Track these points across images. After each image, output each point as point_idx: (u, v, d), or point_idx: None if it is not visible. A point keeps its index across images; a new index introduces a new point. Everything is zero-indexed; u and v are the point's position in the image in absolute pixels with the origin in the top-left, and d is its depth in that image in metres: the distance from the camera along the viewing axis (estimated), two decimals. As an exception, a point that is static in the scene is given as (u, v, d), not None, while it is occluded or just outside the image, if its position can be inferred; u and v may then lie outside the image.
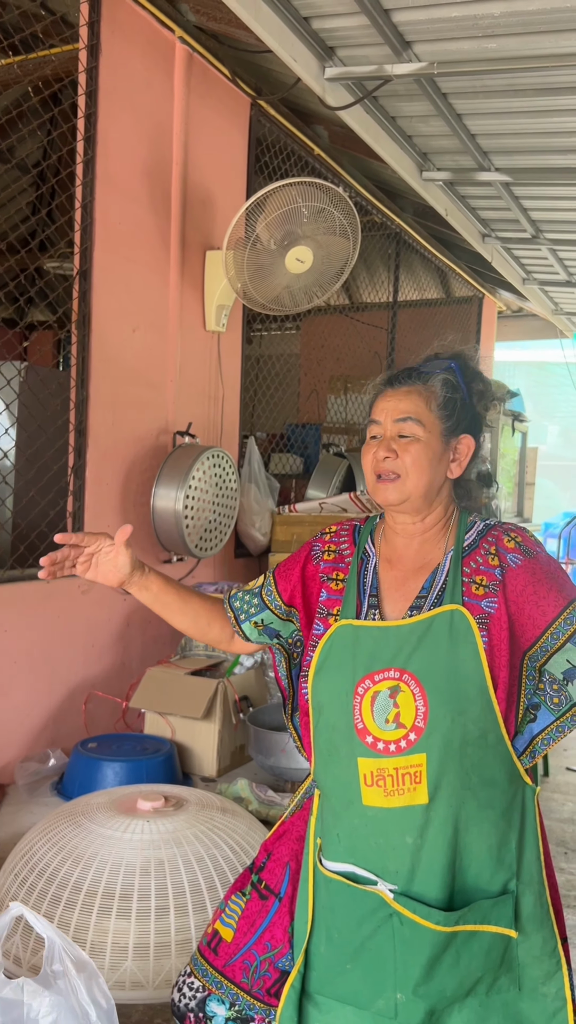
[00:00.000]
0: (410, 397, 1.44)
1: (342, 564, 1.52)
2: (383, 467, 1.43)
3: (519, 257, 6.00)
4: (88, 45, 3.16)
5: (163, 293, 3.64)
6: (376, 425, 1.46)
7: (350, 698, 1.38)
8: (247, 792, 2.74)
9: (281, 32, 3.16)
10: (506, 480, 5.89)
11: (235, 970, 1.53)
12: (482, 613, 1.36)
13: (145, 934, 1.90)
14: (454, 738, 1.32)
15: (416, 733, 1.33)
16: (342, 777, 1.40)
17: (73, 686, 3.27)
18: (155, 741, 3.02)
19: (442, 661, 1.34)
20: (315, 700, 1.45)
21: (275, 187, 3.32)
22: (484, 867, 1.37)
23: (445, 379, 1.45)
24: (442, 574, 1.42)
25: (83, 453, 3.25)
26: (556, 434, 14.34)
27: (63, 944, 1.34)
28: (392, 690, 1.35)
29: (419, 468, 1.41)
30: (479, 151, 4.11)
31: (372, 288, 7.11)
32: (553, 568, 1.39)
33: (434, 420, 1.43)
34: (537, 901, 1.39)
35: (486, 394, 1.51)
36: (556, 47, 3.03)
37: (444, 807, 1.34)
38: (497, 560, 1.39)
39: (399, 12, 3.01)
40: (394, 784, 1.34)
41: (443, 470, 1.45)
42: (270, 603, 1.59)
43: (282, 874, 1.56)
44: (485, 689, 1.33)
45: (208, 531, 3.63)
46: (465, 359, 1.51)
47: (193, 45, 3.63)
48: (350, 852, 1.41)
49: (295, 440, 5.94)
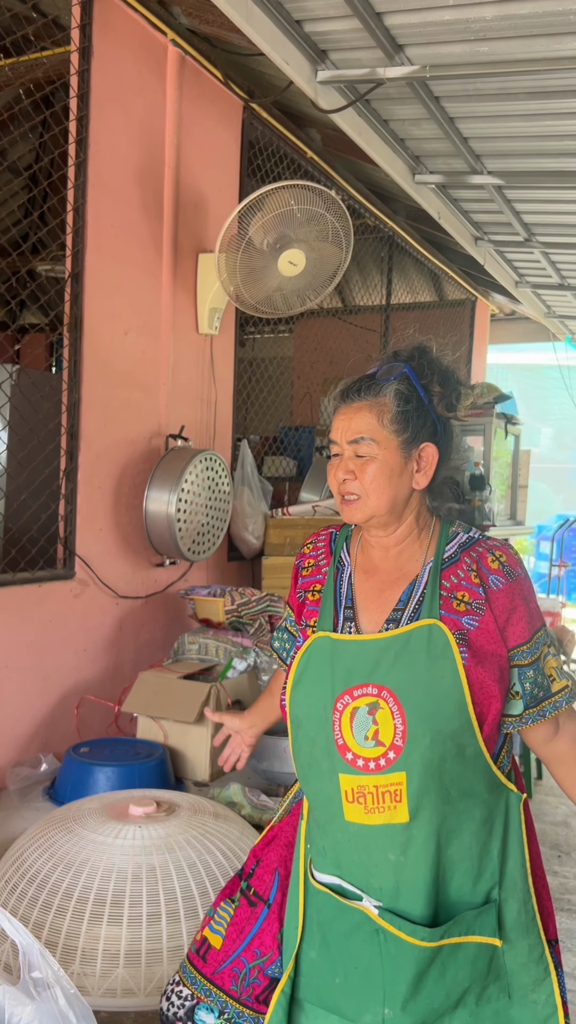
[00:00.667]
0: (360, 414, 1.39)
1: (319, 576, 1.51)
2: (344, 489, 1.41)
3: (512, 260, 6.02)
4: (80, 48, 3.15)
5: (155, 296, 3.63)
6: (334, 444, 1.43)
7: (329, 713, 1.36)
8: (240, 797, 2.73)
9: (273, 35, 3.16)
10: (499, 483, 5.89)
11: (224, 977, 1.52)
12: (461, 629, 1.34)
13: (137, 941, 1.89)
14: (433, 757, 1.31)
15: (395, 751, 1.32)
16: (324, 791, 1.39)
17: (65, 690, 3.26)
18: (147, 745, 3.00)
19: (420, 678, 1.32)
20: (293, 713, 1.43)
21: (268, 190, 3.32)
22: (467, 879, 1.36)
23: (397, 390, 1.40)
24: (420, 586, 1.40)
25: (75, 456, 3.24)
26: (549, 437, 14.38)
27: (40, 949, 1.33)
28: (371, 707, 1.33)
29: (378, 487, 1.39)
30: (471, 154, 4.12)
31: (365, 291, 7.11)
32: (526, 593, 1.39)
33: (388, 435, 1.38)
34: (522, 908, 1.38)
35: (448, 392, 1.44)
36: (548, 51, 3.03)
37: (426, 825, 1.32)
38: (479, 579, 1.37)
39: (391, 15, 3.01)
40: (375, 802, 1.33)
41: (407, 482, 1.41)
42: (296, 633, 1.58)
43: (271, 881, 1.55)
44: (464, 706, 1.31)
45: (201, 534, 3.62)
46: (422, 359, 1.44)
47: (185, 48, 3.62)
48: (336, 865, 1.41)
49: (288, 443, 5.93)
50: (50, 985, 1.30)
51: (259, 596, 3.59)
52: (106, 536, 3.42)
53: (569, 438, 14.37)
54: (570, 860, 3.59)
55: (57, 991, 1.26)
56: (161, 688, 3.13)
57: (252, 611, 3.54)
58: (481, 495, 5.20)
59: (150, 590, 3.69)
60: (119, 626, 3.53)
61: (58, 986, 1.26)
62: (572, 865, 3.54)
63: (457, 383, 1.46)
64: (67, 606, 3.25)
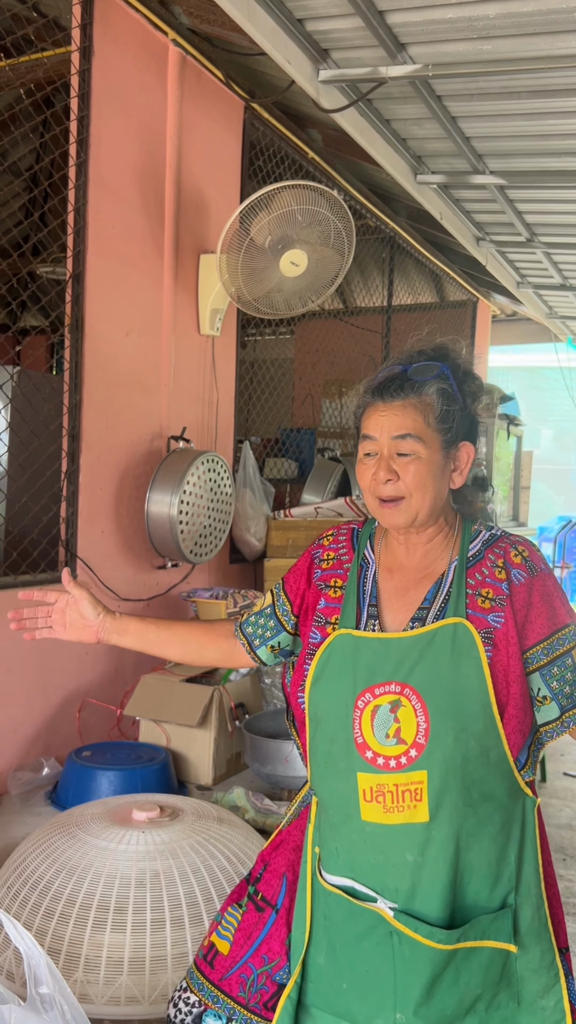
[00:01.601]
0: (406, 412, 1.36)
1: (340, 571, 1.48)
2: (385, 491, 1.37)
3: (513, 261, 6.00)
4: (80, 48, 3.13)
5: (157, 297, 3.62)
6: (371, 441, 1.39)
7: (350, 711, 1.34)
8: (243, 801, 2.71)
9: (275, 34, 3.14)
10: (501, 484, 5.87)
11: (231, 984, 1.50)
12: (488, 627, 1.32)
13: (141, 948, 1.87)
14: (456, 756, 1.29)
15: (417, 750, 1.30)
16: (340, 791, 1.37)
17: (67, 694, 3.24)
18: (150, 749, 2.98)
19: (444, 676, 1.30)
20: (312, 711, 1.41)
21: (270, 190, 3.30)
22: (484, 883, 1.34)
23: (440, 388, 1.38)
24: (446, 585, 1.38)
25: (76, 458, 3.22)
26: (550, 438, 14.36)
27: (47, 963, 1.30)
28: (393, 704, 1.32)
29: (423, 488, 1.36)
30: (474, 154, 4.10)
31: (366, 292, 7.10)
32: (550, 589, 1.36)
33: (433, 434, 1.36)
34: (535, 914, 1.36)
35: (479, 393, 1.44)
36: (552, 49, 3.02)
37: (446, 825, 1.30)
38: (504, 574, 1.35)
39: (393, 14, 2.99)
40: (394, 800, 1.31)
41: (446, 483, 1.39)
42: (285, 621, 1.54)
43: (278, 885, 1.53)
44: (488, 706, 1.29)
45: (203, 536, 3.60)
46: (454, 359, 1.43)
47: (186, 48, 3.61)
48: (349, 867, 1.38)
49: (290, 444, 5.91)
50: (57, 1003, 1.27)
51: (262, 598, 3.58)
52: (108, 538, 3.40)
53: (570, 439, 14.35)
54: (575, 863, 3.57)
55: (66, 1008, 1.24)
56: (163, 691, 3.11)
57: (255, 613, 3.52)
58: (484, 496, 5.17)
59: (152, 592, 3.67)
60: (121, 629, 3.51)
61: (65, 1003, 1.24)
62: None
63: (478, 382, 1.46)
64: (69, 609, 3.23)
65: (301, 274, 3.48)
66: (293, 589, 1.53)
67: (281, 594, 1.55)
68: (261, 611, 1.58)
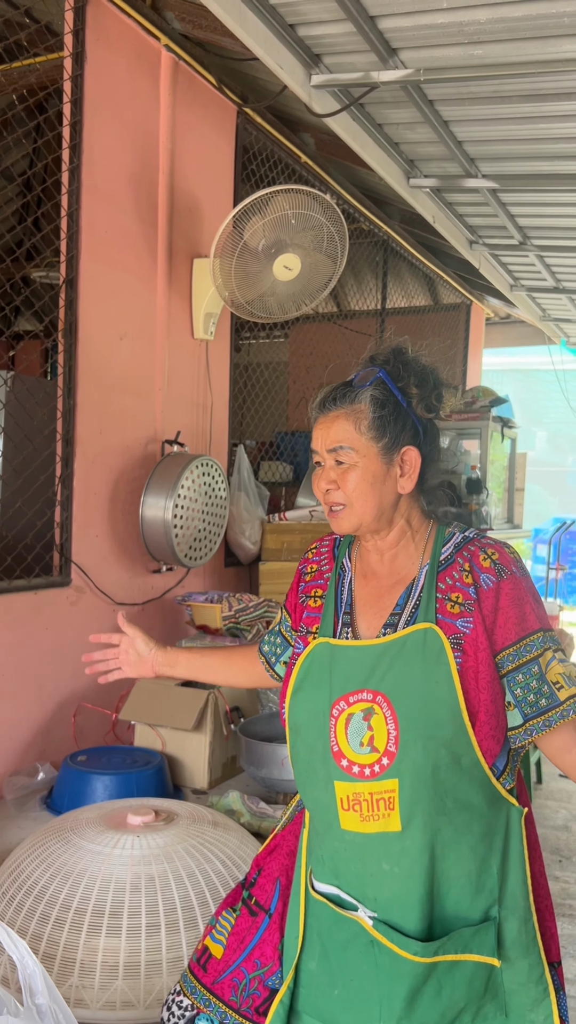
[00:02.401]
0: (338, 423, 1.38)
1: (321, 581, 1.50)
2: (329, 499, 1.40)
3: (507, 264, 6.01)
4: (73, 53, 3.14)
5: (150, 301, 3.62)
6: (316, 453, 1.42)
7: (326, 719, 1.35)
8: (239, 805, 2.71)
9: (267, 39, 3.15)
10: (496, 486, 5.88)
11: (224, 988, 1.50)
12: (457, 633, 1.31)
13: (136, 952, 1.87)
14: (426, 763, 1.28)
15: (389, 758, 1.29)
16: (321, 800, 1.37)
17: (62, 698, 3.24)
18: (145, 753, 2.98)
19: (415, 682, 1.30)
20: (292, 721, 1.41)
21: (263, 194, 3.31)
22: (464, 894, 1.33)
23: (372, 396, 1.37)
24: (417, 589, 1.37)
25: (70, 463, 3.22)
26: (545, 440, 14.38)
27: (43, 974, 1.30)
28: (366, 712, 1.31)
29: (361, 494, 1.37)
30: (466, 158, 4.11)
31: (360, 295, 7.11)
32: (520, 593, 1.33)
33: (366, 442, 1.37)
34: (522, 927, 1.34)
35: (426, 393, 1.41)
36: (542, 53, 3.03)
37: (419, 834, 1.30)
38: (471, 578, 1.34)
39: (385, 19, 3.00)
40: (369, 809, 1.30)
41: (391, 488, 1.39)
42: (289, 637, 1.56)
43: (272, 890, 1.54)
44: (458, 712, 1.28)
45: (198, 540, 3.61)
46: (397, 362, 1.42)
47: (179, 53, 3.62)
48: (334, 875, 1.39)
49: (285, 448, 5.92)
50: (52, 1011, 1.27)
51: (256, 602, 3.58)
52: (102, 542, 3.40)
53: (565, 441, 14.38)
54: (571, 865, 3.58)
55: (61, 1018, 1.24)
56: (158, 695, 3.11)
57: (249, 617, 3.53)
58: (478, 499, 5.19)
59: (147, 596, 3.67)
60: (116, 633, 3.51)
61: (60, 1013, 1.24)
62: (573, 870, 3.53)
63: (436, 383, 1.43)
64: (64, 613, 3.23)
65: (295, 278, 3.49)
66: (291, 604, 1.56)
67: (282, 611, 1.58)
68: (272, 630, 1.61)
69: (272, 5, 3.02)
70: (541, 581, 9.42)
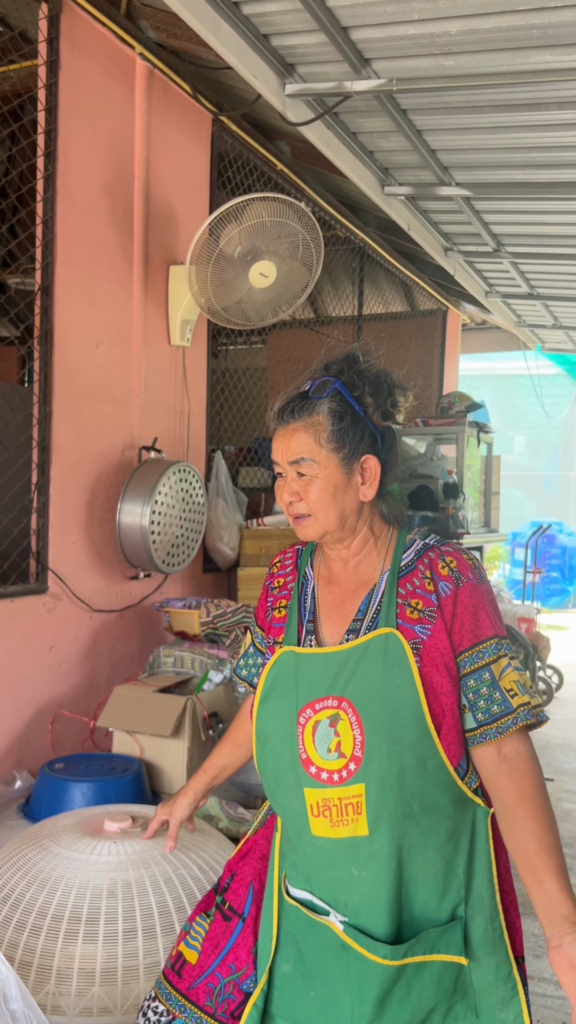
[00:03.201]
0: (297, 436, 1.39)
1: (286, 591, 1.51)
2: (293, 511, 1.42)
3: (481, 270, 6.07)
4: (47, 61, 3.15)
5: (126, 308, 3.63)
6: (277, 464, 1.43)
7: (294, 727, 1.36)
8: (217, 810, 2.71)
9: (241, 49, 3.18)
10: (472, 491, 5.93)
11: (199, 993, 1.50)
12: (415, 638, 1.33)
13: (113, 958, 1.87)
14: (391, 767, 1.30)
15: (355, 763, 1.31)
16: (291, 807, 1.39)
17: (39, 706, 3.23)
18: (123, 760, 2.98)
19: (378, 687, 1.31)
20: (260, 730, 1.42)
21: (238, 202, 3.33)
22: (431, 895, 1.34)
23: (330, 408, 1.38)
24: (378, 595, 1.39)
25: (47, 470, 3.22)
26: (522, 444, 14.50)
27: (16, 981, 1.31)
28: (332, 719, 1.33)
29: (324, 505, 1.38)
30: (439, 166, 4.16)
31: (337, 302, 7.15)
32: (476, 600, 1.35)
33: (327, 454, 1.38)
34: (489, 925, 1.36)
35: (381, 401, 1.42)
36: (512, 64, 3.07)
37: (386, 838, 1.31)
38: (433, 586, 1.36)
39: (357, 30, 3.04)
40: (339, 814, 1.32)
41: (353, 496, 1.40)
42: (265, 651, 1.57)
43: (245, 894, 1.54)
44: (421, 715, 1.30)
45: (175, 546, 3.61)
46: (352, 371, 1.42)
47: (153, 62, 3.63)
48: (307, 880, 1.40)
49: (264, 453, 5.92)
50: (26, 1017, 1.28)
51: (235, 607, 3.58)
52: (79, 549, 3.40)
53: (542, 445, 14.51)
54: (548, 865, 3.60)
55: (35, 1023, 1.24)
56: (136, 702, 3.10)
57: (228, 623, 3.53)
58: (455, 503, 5.23)
59: (124, 603, 3.67)
60: (93, 640, 3.51)
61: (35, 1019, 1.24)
62: (550, 870, 3.55)
63: (390, 389, 1.44)
64: (40, 621, 3.22)
65: (270, 285, 3.51)
66: (261, 619, 1.57)
67: (255, 628, 1.60)
68: (247, 652, 1.62)
69: (246, 15, 3.05)
70: (519, 584, 9.49)
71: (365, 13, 2.90)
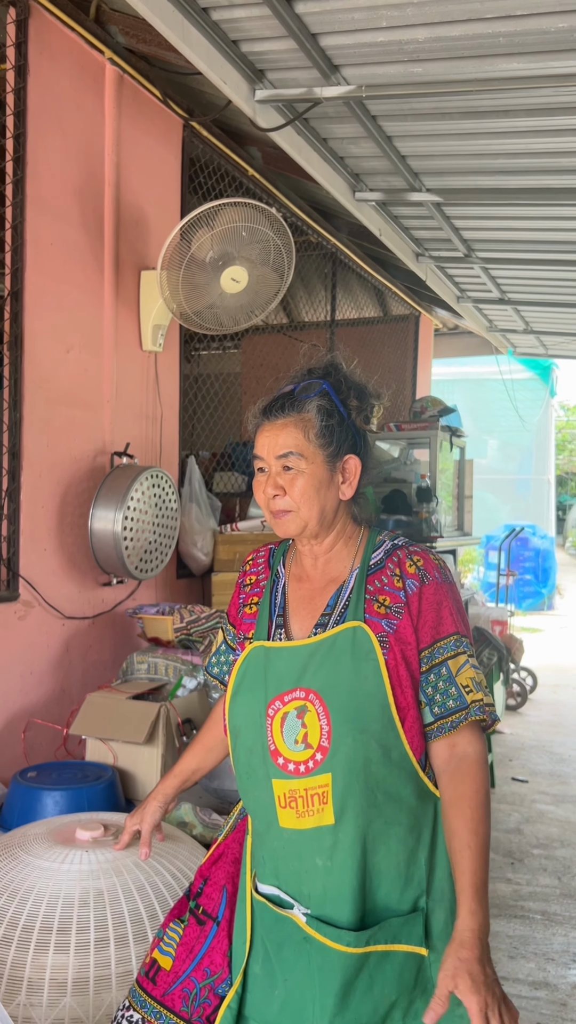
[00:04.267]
0: (287, 430, 1.43)
1: (258, 589, 1.55)
2: (274, 505, 1.45)
3: (453, 276, 6.12)
4: (16, 66, 3.13)
5: (97, 314, 3.61)
6: (260, 459, 1.46)
7: (263, 720, 1.39)
8: (191, 816, 2.70)
9: (210, 55, 3.18)
10: (445, 495, 5.96)
11: (174, 999, 1.50)
12: (382, 632, 1.38)
13: (85, 968, 1.86)
14: (357, 757, 1.33)
15: (322, 753, 1.34)
16: (260, 799, 1.41)
17: (11, 714, 3.20)
18: (96, 768, 2.96)
19: (345, 679, 1.35)
20: (232, 724, 1.45)
21: (210, 207, 3.33)
22: (394, 886, 1.38)
23: (319, 405, 1.44)
24: (346, 591, 1.43)
25: (17, 476, 3.19)
26: (496, 448, 14.61)
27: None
28: (299, 710, 1.36)
29: (308, 500, 1.43)
30: (410, 172, 4.19)
31: (311, 307, 7.17)
32: (440, 598, 1.40)
33: (314, 450, 1.43)
34: (449, 917, 1.39)
35: (364, 406, 1.50)
36: (479, 72, 3.10)
37: (351, 827, 1.34)
38: (401, 583, 1.41)
39: (326, 36, 3.05)
40: (304, 805, 1.35)
41: (334, 494, 1.45)
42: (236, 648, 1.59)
43: (219, 898, 1.55)
44: (387, 706, 1.34)
45: (148, 552, 3.60)
46: (337, 375, 1.49)
47: (123, 67, 3.63)
48: (274, 874, 1.42)
49: (238, 458, 5.92)
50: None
51: (208, 613, 3.58)
52: (51, 556, 3.37)
53: (515, 449, 14.62)
54: (523, 867, 3.63)
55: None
56: (110, 709, 3.09)
57: (202, 628, 3.52)
58: (428, 507, 5.26)
59: (97, 610, 3.65)
60: (66, 647, 3.48)
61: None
62: (525, 872, 3.58)
63: (370, 396, 1.51)
64: (11, 628, 3.20)
65: (242, 290, 3.51)
66: (233, 616, 1.60)
67: (228, 625, 1.62)
68: (218, 650, 1.64)
69: (215, 21, 3.06)
70: (492, 587, 9.56)
71: (333, 20, 2.92)
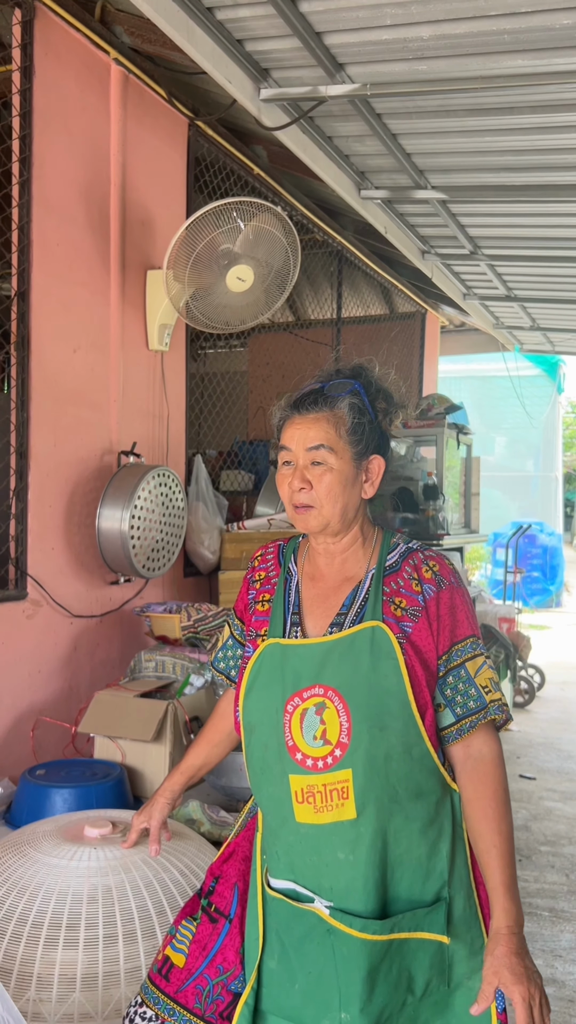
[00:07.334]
0: (319, 424, 1.44)
1: (269, 586, 1.55)
2: (299, 499, 1.45)
3: (459, 273, 6.11)
4: (21, 67, 3.14)
5: (104, 313, 3.63)
6: (287, 452, 1.47)
7: (280, 716, 1.40)
8: (199, 814, 2.71)
9: (215, 54, 3.19)
10: (452, 492, 5.96)
11: (187, 996, 1.51)
12: (400, 632, 1.39)
13: (93, 964, 1.87)
14: (378, 753, 1.35)
15: (341, 749, 1.35)
16: (275, 795, 1.42)
17: (20, 712, 3.21)
18: (105, 766, 2.97)
19: (364, 676, 1.36)
20: (246, 720, 1.46)
21: (215, 206, 3.34)
22: (416, 878, 1.40)
23: (352, 403, 1.46)
24: (363, 591, 1.45)
25: (25, 475, 3.21)
26: (503, 445, 14.58)
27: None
28: (318, 707, 1.38)
29: (333, 496, 1.44)
30: (415, 169, 4.19)
31: (317, 305, 7.17)
32: (456, 602, 1.43)
33: (344, 446, 1.44)
34: (467, 903, 1.43)
35: (389, 410, 1.53)
36: (484, 69, 3.11)
37: (372, 821, 1.36)
38: (419, 587, 1.43)
39: (331, 35, 3.06)
40: (323, 800, 1.36)
41: (357, 492, 1.47)
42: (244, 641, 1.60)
43: (231, 896, 1.56)
44: (407, 703, 1.35)
45: (156, 551, 3.61)
46: (368, 377, 1.52)
47: (128, 67, 3.64)
48: (289, 869, 1.42)
49: (244, 457, 5.93)
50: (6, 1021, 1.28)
51: (216, 611, 3.59)
52: (59, 555, 3.39)
53: (522, 446, 14.59)
54: (530, 864, 3.63)
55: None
56: (118, 707, 3.10)
57: (209, 627, 3.53)
58: (435, 505, 5.25)
59: (105, 608, 3.66)
60: (74, 646, 3.50)
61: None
62: (533, 869, 3.58)
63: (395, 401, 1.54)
64: (20, 627, 3.21)
65: (248, 289, 3.51)
66: (241, 611, 1.61)
67: (235, 620, 1.63)
68: (224, 644, 1.65)
69: (219, 21, 3.06)
70: (500, 585, 9.54)
71: (338, 18, 2.92)
